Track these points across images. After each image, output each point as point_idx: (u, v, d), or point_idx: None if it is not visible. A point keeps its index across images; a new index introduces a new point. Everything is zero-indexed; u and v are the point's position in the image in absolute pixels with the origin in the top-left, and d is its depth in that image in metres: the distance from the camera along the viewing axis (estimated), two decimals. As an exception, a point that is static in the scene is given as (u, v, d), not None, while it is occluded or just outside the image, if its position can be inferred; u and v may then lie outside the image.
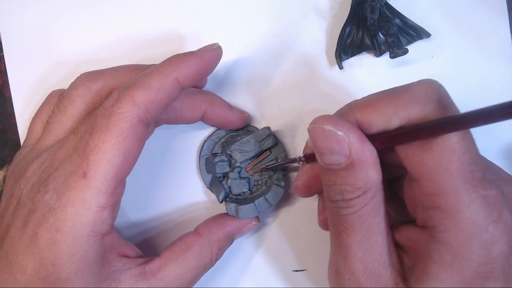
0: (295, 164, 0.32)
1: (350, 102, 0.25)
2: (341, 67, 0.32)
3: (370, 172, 0.23)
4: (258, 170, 0.31)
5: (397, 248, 0.24)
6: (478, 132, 0.21)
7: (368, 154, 0.22)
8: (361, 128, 0.23)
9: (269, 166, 0.31)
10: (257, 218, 0.31)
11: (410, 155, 0.22)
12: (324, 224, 0.29)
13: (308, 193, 0.29)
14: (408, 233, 0.24)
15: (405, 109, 0.22)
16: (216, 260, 0.29)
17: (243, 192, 0.32)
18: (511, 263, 0.21)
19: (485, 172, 0.21)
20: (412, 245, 0.23)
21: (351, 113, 0.24)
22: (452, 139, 0.21)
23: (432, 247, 0.22)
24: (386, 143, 0.23)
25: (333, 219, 0.24)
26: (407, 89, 0.23)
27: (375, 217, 0.23)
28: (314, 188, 0.28)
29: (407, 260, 0.23)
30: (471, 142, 0.21)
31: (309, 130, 0.24)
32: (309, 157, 0.28)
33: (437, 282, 0.21)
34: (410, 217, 0.25)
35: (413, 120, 0.22)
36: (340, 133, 0.22)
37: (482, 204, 0.21)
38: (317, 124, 0.23)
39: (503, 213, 0.21)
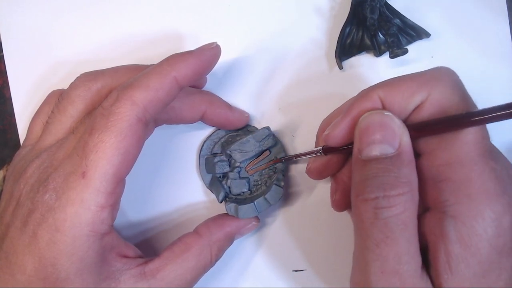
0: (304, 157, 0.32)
1: (371, 85, 0.25)
2: (341, 67, 0.32)
3: (414, 170, 0.22)
4: (273, 162, 0.31)
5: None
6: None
7: (412, 151, 0.23)
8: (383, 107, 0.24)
9: (284, 158, 0.31)
10: (257, 218, 0.31)
11: None
12: (337, 205, 0.28)
13: (319, 177, 0.29)
14: (421, 223, 0.23)
15: (426, 85, 0.23)
16: (216, 260, 0.29)
17: (243, 192, 0.32)
18: None
19: (492, 146, 0.22)
20: (430, 237, 0.23)
21: (374, 91, 0.24)
22: None
23: (447, 226, 0.21)
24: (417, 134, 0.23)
25: (366, 228, 0.22)
26: (427, 71, 0.24)
27: (414, 227, 0.22)
28: (326, 173, 0.29)
29: (430, 258, 0.23)
30: None
31: (363, 118, 0.23)
32: (327, 150, 0.27)
33: (463, 265, 0.21)
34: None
35: (434, 97, 0.22)
36: (397, 120, 0.23)
37: (492, 175, 0.21)
38: (376, 111, 0.23)
39: (508, 187, 0.21)
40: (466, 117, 0.21)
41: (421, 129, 0.23)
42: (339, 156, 0.28)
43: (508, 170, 0.22)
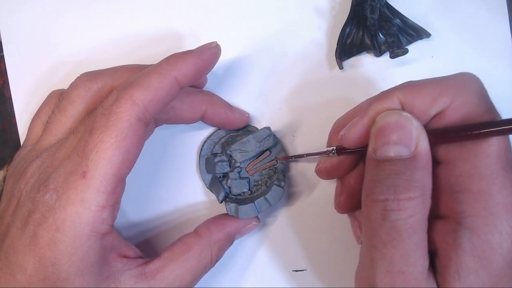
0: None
1: (391, 87, 0.24)
2: (341, 67, 0.32)
3: (429, 175, 0.22)
4: (284, 158, 0.31)
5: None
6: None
7: (430, 156, 0.22)
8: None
9: (295, 156, 0.31)
10: (257, 218, 0.31)
11: None
12: (340, 208, 0.28)
13: (328, 177, 0.29)
14: (432, 228, 0.23)
15: (449, 91, 0.22)
16: (216, 260, 0.29)
17: (243, 192, 0.32)
18: None
19: None
20: (441, 244, 0.22)
21: (393, 93, 0.23)
22: None
23: (461, 237, 0.21)
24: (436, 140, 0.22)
25: (374, 228, 0.22)
26: (451, 76, 0.23)
27: (423, 231, 0.21)
28: (335, 174, 0.28)
29: (438, 264, 0.22)
30: None
31: (380, 117, 0.23)
32: (341, 150, 0.27)
33: (472, 277, 0.21)
34: None
35: (457, 104, 0.22)
36: (416, 122, 0.22)
37: None
38: (394, 111, 0.22)
39: None
40: (493, 125, 0.20)
41: (442, 135, 0.22)
42: (351, 158, 0.27)
43: None
